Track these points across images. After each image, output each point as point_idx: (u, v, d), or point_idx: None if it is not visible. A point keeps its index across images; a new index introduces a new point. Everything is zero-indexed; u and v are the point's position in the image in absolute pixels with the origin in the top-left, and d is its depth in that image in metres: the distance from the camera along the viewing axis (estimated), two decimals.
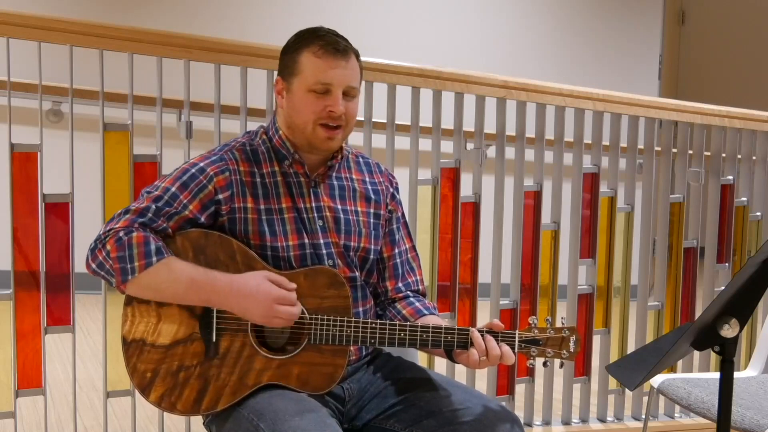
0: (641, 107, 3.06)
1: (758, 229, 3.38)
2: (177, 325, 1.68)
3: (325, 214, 1.80)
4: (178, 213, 1.69)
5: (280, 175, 1.79)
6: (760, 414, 2.08)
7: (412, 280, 1.94)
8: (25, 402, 2.60)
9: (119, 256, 1.62)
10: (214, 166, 1.74)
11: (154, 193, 1.71)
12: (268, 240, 1.73)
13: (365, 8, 5.44)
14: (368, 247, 1.84)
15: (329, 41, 1.74)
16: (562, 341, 1.71)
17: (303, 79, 1.74)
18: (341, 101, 1.74)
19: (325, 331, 1.68)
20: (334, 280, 1.71)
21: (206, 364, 1.67)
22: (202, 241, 1.70)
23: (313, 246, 1.76)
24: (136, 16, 4.87)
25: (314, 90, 1.73)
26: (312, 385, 1.69)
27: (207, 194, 1.72)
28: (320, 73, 1.73)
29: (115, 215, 1.70)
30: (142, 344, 1.68)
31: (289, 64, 1.77)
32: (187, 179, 1.72)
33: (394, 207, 1.94)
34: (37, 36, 2.27)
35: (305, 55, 1.74)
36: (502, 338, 1.68)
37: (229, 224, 1.73)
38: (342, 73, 1.74)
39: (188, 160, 1.79)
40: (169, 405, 1.68)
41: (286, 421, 1.56)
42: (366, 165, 1.94)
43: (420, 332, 1.68)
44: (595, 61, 6.00)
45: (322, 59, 1.73)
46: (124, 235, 1.63)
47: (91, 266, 1.67)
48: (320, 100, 1.73)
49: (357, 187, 1.88)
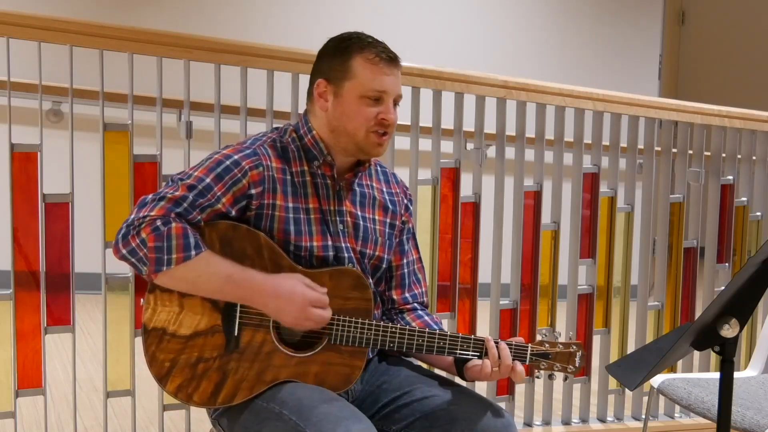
0: (641, 107, 3.06)
1: (758, 229, 3.37)
2: (199, 316, 1.68)
3: (346, 219, 1.81)
4: (211, 205, 1.67)
5: (309, 175, 1.79)
6: (760, 414, 2.08)
7: (418, 291, 1.96)
8: (25, 402, 2.60)
9: (157, 246, 1.60)
10: (249, 160, 1.72)
11: (187, 181, 1.67)
12: (293, 238, 1.73)
13: (366, 8, 5.44)
14: (382, 255, 1.85)
15: (382, 49, 1.76)
16: (569, 356, 1.75)
17: (356, 85, 1.73)
18: (392, 109, 1.75)
19: (347, 332, 1.69)
20: (358, 282, 1.72)
21: (226, 358, 1.68)
22: (230, 233, 1.69)
23: (335, 249, 1.77)
24: (136, 16, 4.87)
25: (368, 96, 1.73)
26: (328, 384, 1.70)
27: (240, 188, 1.70)
28: (375, 81, 1.73)
29: (146, 200, 1.65)
30: (162, 333, 1.68)
31: (339, 68, 1.75)
32: (222, 171, 1.69)
33: (407, 218, 1.96)
34: (37, 36, 2.27)
35: (358, 61, 1.74)
36: (515, 350, 1.71)
37: (255, 219, 1.72)
38: (394, 81, 1.76)
39: (220, 150, 1.76)
40: (186, 396, 1.69)
41: (313, 408, 1.56)
42: (384, 174, 1.95)
43: (438, 339, 1.71)
44: (595, 61, 6.00)
45: (378, 66, 1.73)
46: (162, 225, 1.61)
47: (120, 251, 1.63)
48: (372, 107, 1.74)
49: (377, 196, 1.89)
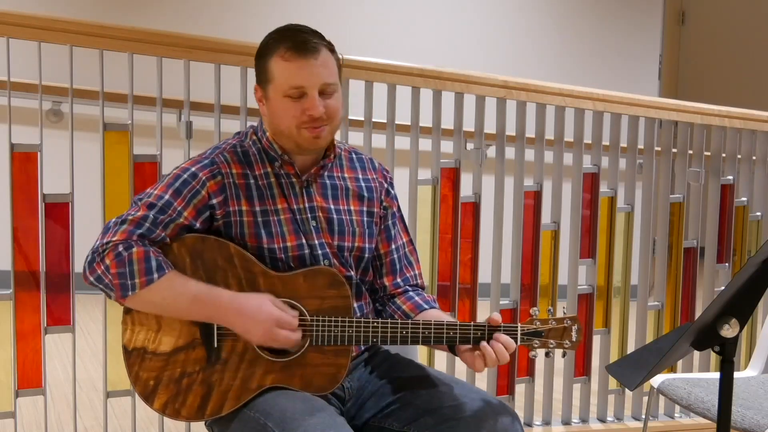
0: (641, 107, 3.06)
1: (758, 229, 3.37)
2: (178, 332, 1.67)
3: (318, 215, 1.78)
4: (173, 221, 1.66)
5: (273, 176, 1.76)
6: (760, 414, 2.08)
7: (411, 274, 1.92)
8: (25, 402, 2.60)
9: (119, 272, 1.60)
10: (206, 171, 1.70)
11: (147, 200, 1.67)
12: (265, 242, 1.71)
13: (366, 8, 5.44)
14: (362, 246, 1.82)
15: (296, 41, 1.67)
16: (564, 331, 1.70)
17: (277, 86, 1.69)
18: (318, 101, 1.68)
19: (327, 332, 1.67)
20: (333, 279, 1.70)
21: (209, 370, 1.67)
22: (198, 246, 1.68)
23: (310, 246, 1.75)
24: (136, 16, 4.87)
25: (289, 95, 1.68)
26: (315, 386, 1.68)
27: (201, 200, 1.69)
28: (291, 78, 1.67)
29: (110, 225, 1.65)
30: (143, 352, 1.67)
31: (262, 71, 1.72)
32: (180, 185, 1.68)
33: (389, 203, 1.91)
34: (37, 36, 2.27)
35: (274, 60, 1.69)
36: (504, 332, 1.67)
37: (224, 228, 1.71)
38: (314, 72, 1.68)
39: (179, 165, 1.75)
40: (174, 412, 1.67)
41: (295, 420, 1.55)
42: (359, 161, 1.90)
43: (422, 329, 1.67)
44: (595, 61, 6.00)
45: (291, 62, 1.67)
46: (123, 250, 1.61)
47: (88, 278, 1.64)
48: (297, 103, 1.68)
49: (350, 186, 1.85)
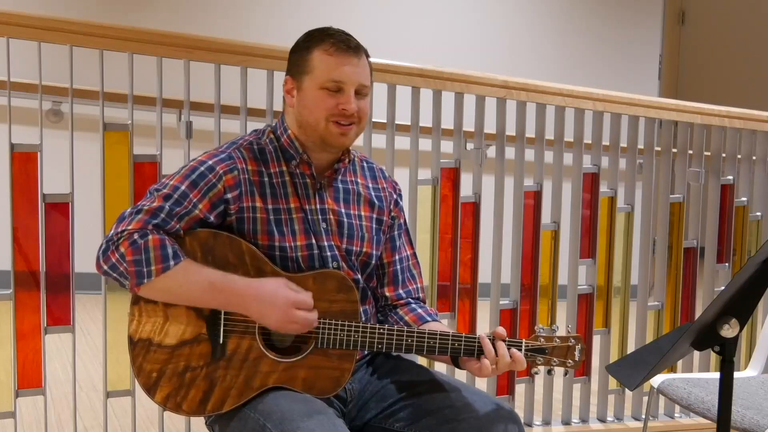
0: (641, 107, 3.06)
1: (758, 229, 3.37)
2: (184, 325, 1.67)
3: (329, 217, 1.79)
4: (189, 213, 1.67)
5: (288, 175, 1.77)
6: (760, 414, 2.08)
7: (413, 287, 1.93)
8: (25, 402, 2.60)
9: (135, 259, 1.60)
10: (224, 165, 1.71)
11: (163, 191, 1.67)
12: (277, 240, 1.72)
13: (366, 8, 5.44)
14: (370, 252, 1.84)
15: (341, 39, 1.74)
16: (567, 350, 1.70)
17: (315, 77, 1.73)
18: (353, 99, 1.73)
19: (333, 336, 1.67)
20: (343, 284, 1.70)
21: (212, 366, 1.67)
22: (210, 241, 1.68)
23: (319, 248, 1.75)
24: (136, 16, 4.87)
25: (326, 87, 1.72)
26: (318, 388, 1.68)
27: (216, 193, 1.69)
28: (333, 71, 1.71)
29: (125, 214, 1.66)
30: (148, 344, 1.67)
31: (300, 63, 1.76)
32: (197, 177, 1.69)
33: (396, 214, 1.93)
34: (37, 36, 2.27)
35: (317, 53, 1.73)
36: (509, 346, 1.68)
37: (237, 224, 1.72)
38: (354, 70, 1.73)
39: (196, 158, 1.76)
40: (175, 405, 1.68)
41: (293, 422, 1.55)
42: (370, 170, 1.93)
43: (428, 338, 1.69)
44: (595, 61, 6.00)
45: (335, 57, 1.72)
46: (139, 237, 1.61)
47: (102, 267, 1.64)
48: (332, 97, 1.72)
49: (361, 192, 1.87)
